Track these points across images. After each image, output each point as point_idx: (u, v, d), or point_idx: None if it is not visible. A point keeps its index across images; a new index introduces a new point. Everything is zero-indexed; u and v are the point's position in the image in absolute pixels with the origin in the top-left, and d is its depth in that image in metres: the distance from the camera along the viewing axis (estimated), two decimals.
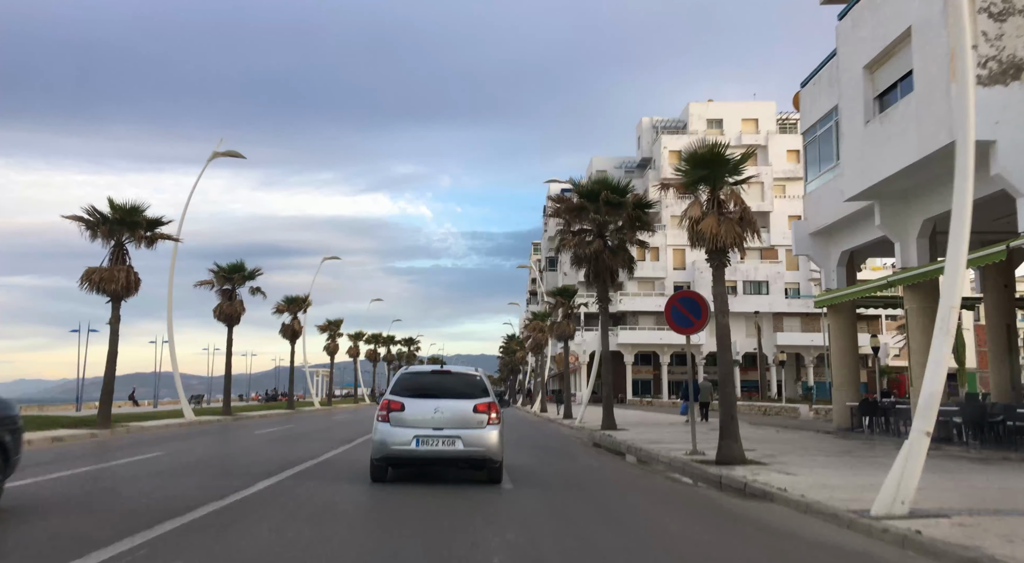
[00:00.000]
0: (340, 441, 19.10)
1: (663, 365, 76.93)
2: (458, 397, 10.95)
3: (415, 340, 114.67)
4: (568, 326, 36.21)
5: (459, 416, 10.68)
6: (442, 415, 10.63)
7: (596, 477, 13.20)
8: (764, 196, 76.32)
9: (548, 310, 51.60)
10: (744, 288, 75.68)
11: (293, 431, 24.07)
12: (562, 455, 17.17)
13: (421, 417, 10.64)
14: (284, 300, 44.25)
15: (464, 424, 10.66)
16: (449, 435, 10.55)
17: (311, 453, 15.53)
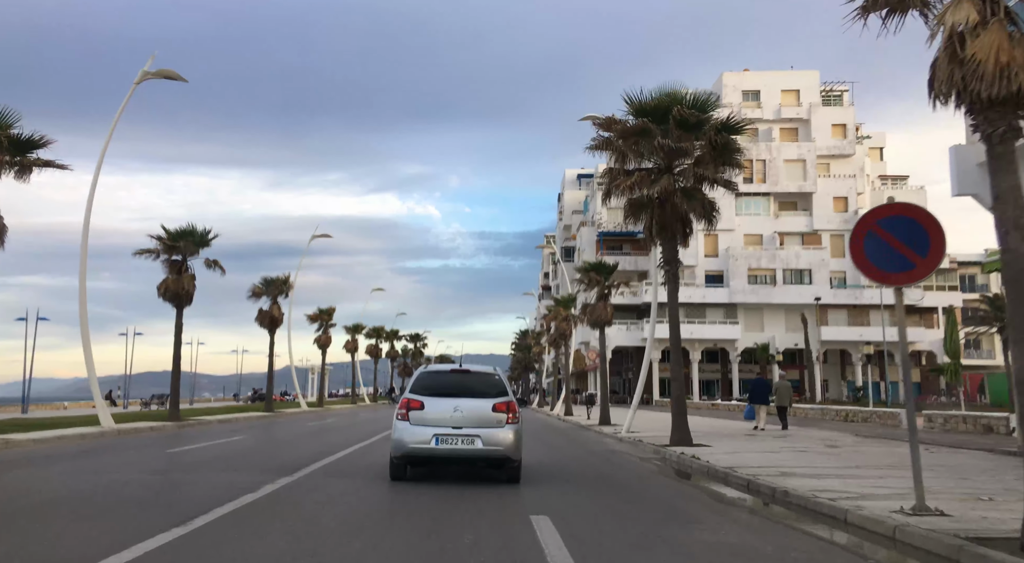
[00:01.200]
0: (276, 470, 11.98)
1: (693, 362, 69.58)
2: (477, 396, 10.93)
3: (421, 336, 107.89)
4: (604, 310, 29.11)
5: (478, 415, 10.70)
6: (461, 414, 10.65)
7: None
8: (806, 175, 68.91)
9: (572, 295, 44.41)
10: (784, 277, 68.25)
11: (225, 450, 16.99)
12: (642, 500, 9.97)
13: (440, 416, 10.65)
14: (261, 282, 37.30)
15: (483, 423, 10.66)
16: (468, 434, 10.56)
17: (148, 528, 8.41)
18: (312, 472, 11.72)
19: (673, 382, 18.46)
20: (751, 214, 70.15)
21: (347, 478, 11.12)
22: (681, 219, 17.80)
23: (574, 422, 32.19)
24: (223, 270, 27.23)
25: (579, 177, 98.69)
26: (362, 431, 23.79)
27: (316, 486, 10.11)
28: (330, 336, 49.63)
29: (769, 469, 12.18)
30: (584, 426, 28.30)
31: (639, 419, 28.84)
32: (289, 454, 15.09)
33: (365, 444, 17.95)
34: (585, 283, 29.93)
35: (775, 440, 19.14)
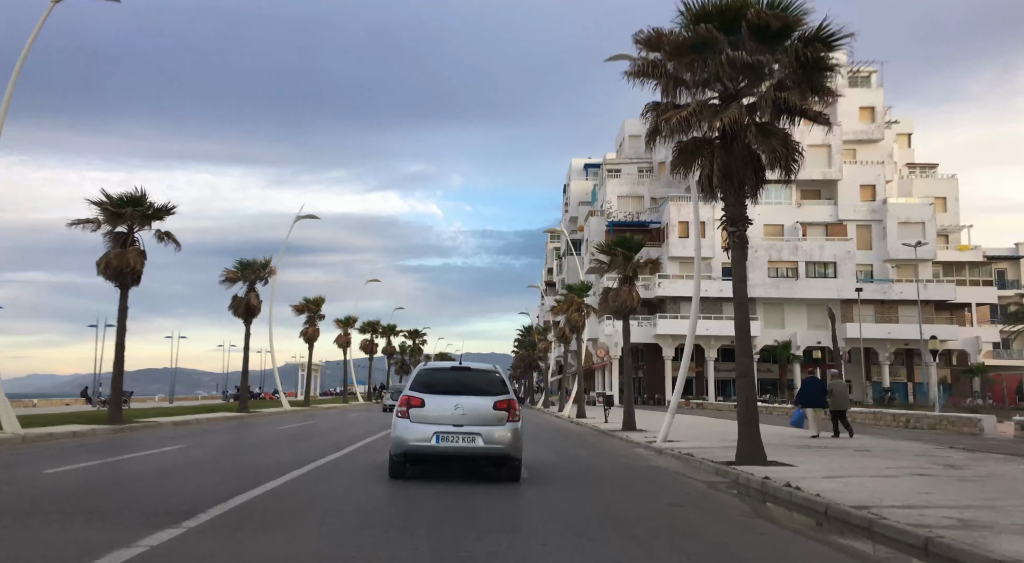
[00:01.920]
0: (168, 514, 7.64)
1: (708, 360, 65.29)
2: (478, 394, 10.81)
3: (420, 332, 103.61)
4: (630, 295, 24.76)
5: (479, 413, 10.58)
6: (462, 412, 10.54)
7: None
8: (831, 162, 64.51)
9: (587, 282, 40.14)
10: (806, 270, 63.88)
11: (125, 472, 12.73)
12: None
13: (441, 413, 10.53)
14: (236, 265, 32.97)
15: (484, 421, 10.56)
16: (469, 432, 10.45)
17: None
18: (222, 516, 7.39)
19: (740, 379, 14.13)
20: (771, 203, 65.72)
21: (273, 531, 6.81)
22: (753, 163, 13.44)
23: (590, 426, 27.89)
24: (177, 244, 22.87)
25: (586, 167, 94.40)
26: (342, 437, 19.55)
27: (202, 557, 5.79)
28: (318, 329, 45.43)
29: (928, 512, 7.86)
30: (605, 432, 23.98)
31: (679, 426, 24.47)
32: (213, 478, 10.77)
33: (338, 455, 13.71)
34: (607, 263, 25.55)
35: (863, 455, 14.82)
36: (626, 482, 11.53)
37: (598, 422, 29.25)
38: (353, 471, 11.64)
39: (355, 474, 11.33)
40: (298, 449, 15.58)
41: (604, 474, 12.59)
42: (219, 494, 8.78)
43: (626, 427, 23.99)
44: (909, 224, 63.29)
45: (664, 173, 71.16)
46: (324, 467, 12.24)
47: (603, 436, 22.74)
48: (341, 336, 56.75)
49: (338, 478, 10.90)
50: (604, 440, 20.96)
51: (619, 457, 15.51)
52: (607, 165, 73.56)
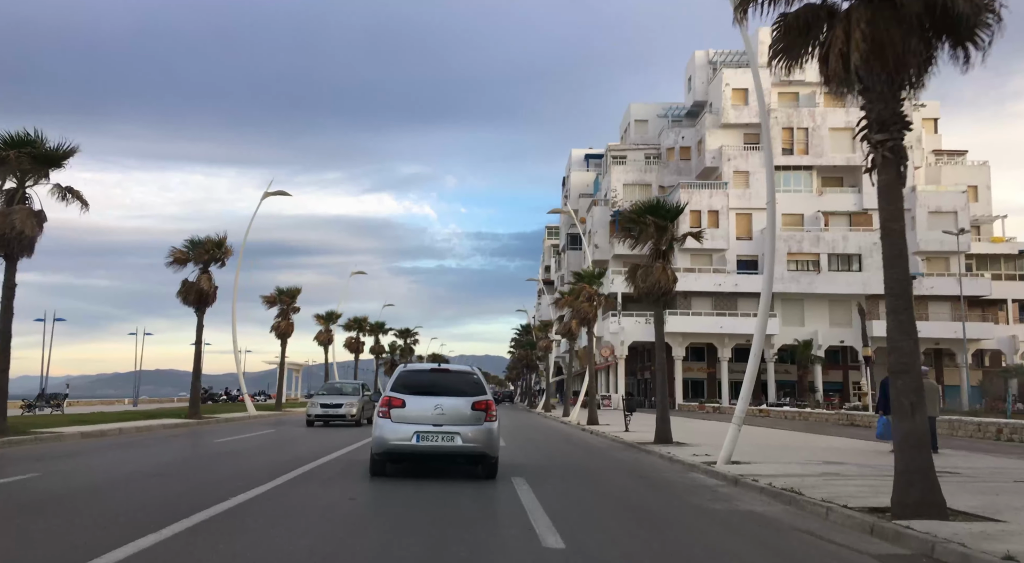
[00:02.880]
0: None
1: (722, 360, 60.29)
2: (457, 395, 11.04)
3: (412, 332, 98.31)
4: (664, 273, 19.70)
5: (458, 413, 10.84)
6: (442, 412, 10.77)
7: None
8: (855, 146, 59.46)
9: (599, 269, 35.06)
10: (829, 262, 58.93)
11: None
12: None
13: (421, 414, 10.78)
14: (186, 244, 27.78)
15: (463, 421, 10.82)
16: (448, 431, 10.70)
17: None
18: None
19: (898, 377, 8.96)
20: (791, 190, 60.84)
21: None
22: (919, 26, 8.28)
23: (609, 435, 22.80)
24: (84, 203, 17.72)
25: (587, 157, 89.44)
26: (295, 452, 14.46)
27: None
28: (291, 323, 40.02)
29: None
30: (633, 445, 18.89)
31: (706, 434, 19.48)
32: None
33: (248, 497, 8.55)
34: (635, 234, 20.42)
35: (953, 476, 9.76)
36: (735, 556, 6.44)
37: (617, 431, 24.15)
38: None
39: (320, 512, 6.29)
40: (201, 480, 10.48)
41: (678, 531, 7.48)
42: None
43: (660, 440, 18.91)
44: (940, 214, 58.42)
45: (673, 159, 66.27)
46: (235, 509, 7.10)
47: (636, 452, 17.63)
48: (321, 333, 51.52)
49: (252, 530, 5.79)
50: (640, 459, 15.86)
51: (682, 494, 10.38)
52: (612, 151, 68.52)
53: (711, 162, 61.85)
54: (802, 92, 61.27)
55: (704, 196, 59.97)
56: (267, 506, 8.26)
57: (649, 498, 9.78)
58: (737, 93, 61.25)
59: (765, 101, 60.61)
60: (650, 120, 70.67)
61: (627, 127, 72.66)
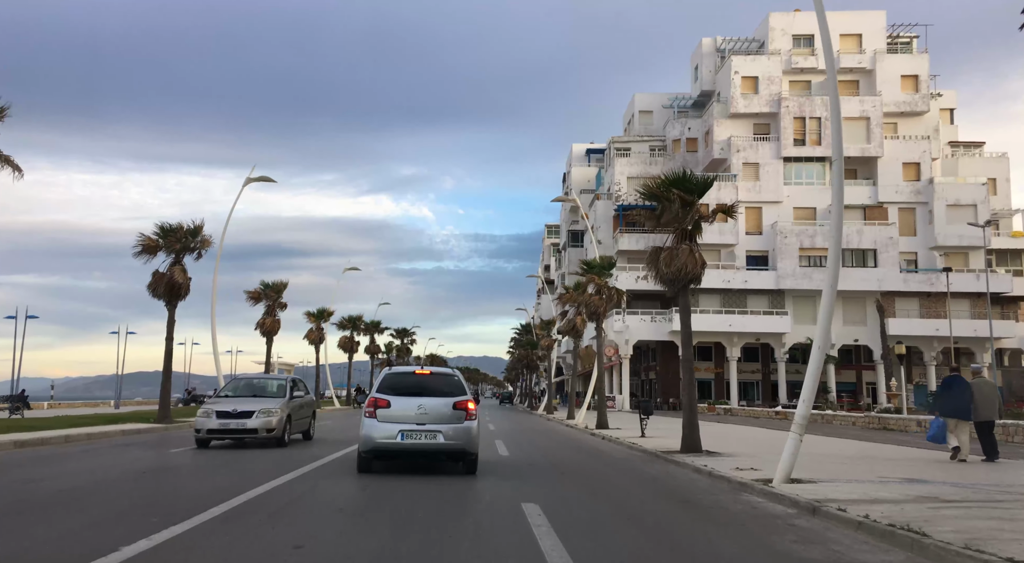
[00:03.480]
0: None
1: (730, 360, 57.81)
2: (439, 395, 11.61)
3: (409, 332, 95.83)
4: (692, 257, 17.19)
5: (440, 412, 11.39)
6: (425, 412, 11.32)
7: None
8: (870, 136, 57.14)
9: (610, 259, 32.59)
10: (843, 258, 56.34)
11: None
12: None
13: (405, 413, 11.30)
14: (156, 232, 25.20)
15: (445, 420, 11.36)
16: (431, 430, 11.25)
17: None
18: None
19: None
20: (803, 183, 58.42)
21: None
22: None
23: (624, 441, 20.31)
24: (16, 169, 15.18)
25: (588, 152, 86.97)
26: (233, 475, 11.90)
27: None
28: (278, 320, 37.40)
29: None
30: (657, 454, 16.39)
31: (737, 441, 17.06)
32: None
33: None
34: (656, 213, 17.90)
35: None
36: None
37: (632, 436, 21.65)
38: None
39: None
40: (94, 516, 7.95)
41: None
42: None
43: (688, 448, 16.40)
44: (959, 207, 55.99)
45: (679, 151, 63.78)
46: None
47: (663, 464, 15.12)
48: (312, 332, 48.90)
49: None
50: (672, 474, 13.35)
51: (755, 531, 7.86)
52: (615, 143, 66.00)
53: (719, 153, 59.39)
54: (814, 80, 58.81)
55: (712, 189, 57.32)
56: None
57: (715, 539, 7.26)
58: (747, 81, 58.77)
59: (775, 90, 58.01)
60: (655, 111, 68.18)
61: (631, 118, 70.16)
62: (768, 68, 58.51)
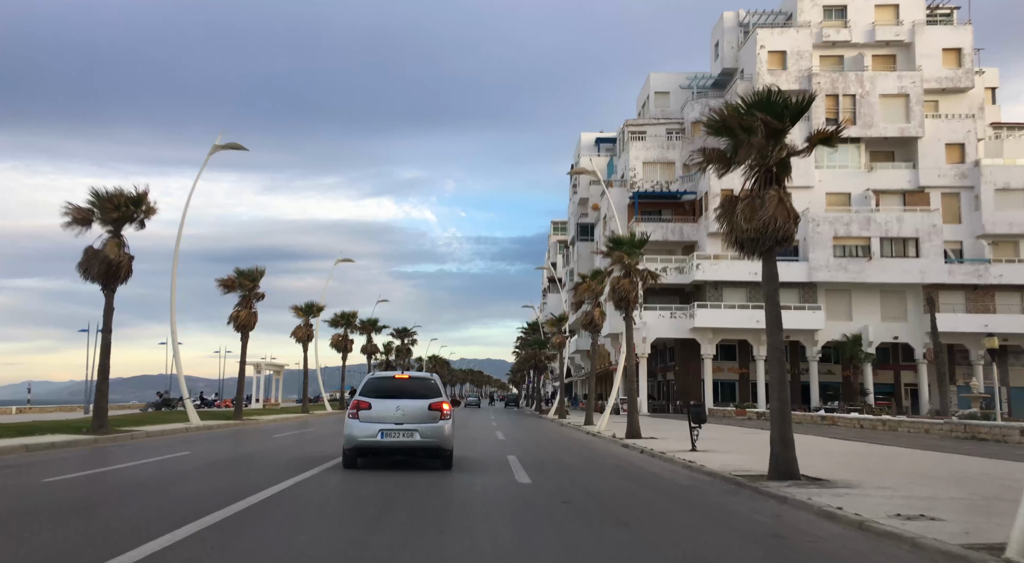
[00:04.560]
0: None
1: (756, 359, 52.92)
2: (416, 397, 12.56)
3: (410, 331, 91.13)
4: (782, 207, 12.52)
5: (417, 413, 12.32)
6: (402, 412, 12.26)
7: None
8: (909, 115, 52.35)
9: (641, 236, 27.78)
10: (881, 248, 51.60)
11: None
12: None
13: (385, 414, 12.25)
14: (90, 199, 20.54)
15: (421, 419, 12.30)
16: (408, 428, 12.20)
17: None
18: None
19: None
20: (836, 166, 53.67)
21: None
22: None
23: (676, 460, 15.55)
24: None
25: (597, 141, 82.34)
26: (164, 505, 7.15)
27: None
28: (254, 313, 32.50)
29: None
30: (738, 481, 11.67)
31: (846, 460, 12.26)
32: None
33: None
34: (727, 152, 13.23)
35: None
36: None
37: (679, 450, 16.92)
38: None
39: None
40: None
41: None
42: None
43: (781, 473, 11.66)
44: (1009, 191, 51.19)
45: (699, 134, 58.96)
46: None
47: (762, 500, 10.36)
48: (300, 328, 44.11)
49: None
50: (787, 520, 8.59)
51: None
52: (629, 126, 61.23)
53: None
54: (847, 54, 54.06)
55: (736, 173, 52.53)
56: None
57: None
58: (774, 56, 54.03)
59: (805, 65, 53.23)
60: (672, 92, 63.42)
61: (646, 100, 65.38)
62: (797, 42, 53.77)
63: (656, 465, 15.52)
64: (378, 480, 11.19)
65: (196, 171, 25.86)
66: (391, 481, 11.09)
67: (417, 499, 9.37)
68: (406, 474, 11.99)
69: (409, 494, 9.78)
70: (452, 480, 11.46)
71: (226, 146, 26.66)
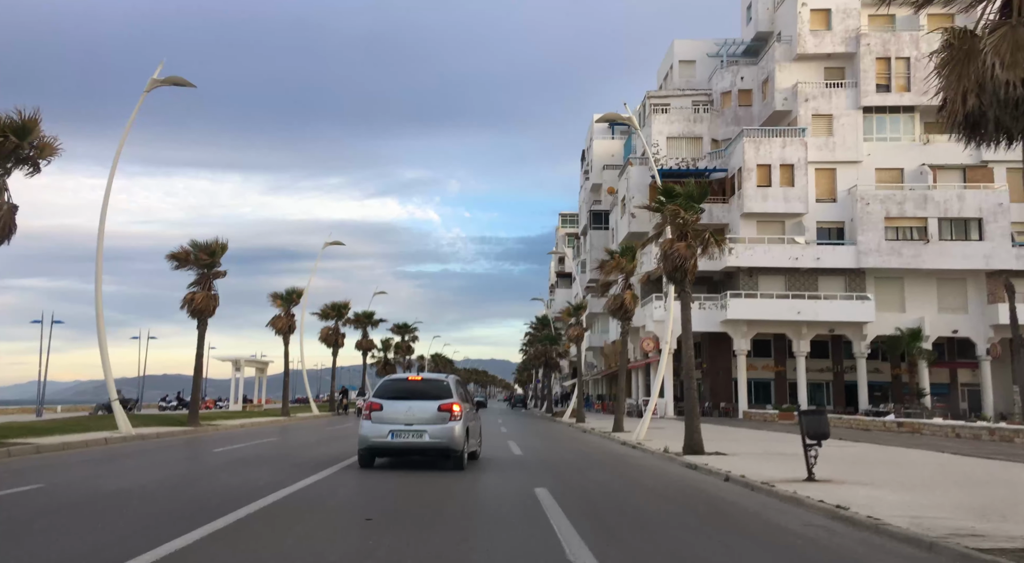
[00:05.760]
0: None
1: (797, 356, 47.01)
2: (427, 398, 12.87)
3: (410, 327, 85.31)
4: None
5: (426, 414, 12.62)
6: (412, 413, 12.62)
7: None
8: None
9: (700, 179, 21.74)
10: (940, 230, 45.64)
11: None
12: None
13: (396, 415, 12.65)
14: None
15: (430, 421, 12.56)
16: (418, 429, 12.50)
17: None
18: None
19: None
20: (887, 138, 47.75)
21: None
22: None
23: (811, 502, 9.78)
24: None
25: (611, 124, 76.27)
26: None
27: None
28: (214, 296, 26.01)
29: None
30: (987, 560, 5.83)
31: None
32: None
33: None
34: None
35: None
36: None
37: (787, 478, 11.16)
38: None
39: None
40: None
41: None
42: None
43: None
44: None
45: (729, 106, 53.14)
46: None
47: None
48: (279, 319, 38.22)
49: None
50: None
51: None
52: (651, 98, 55.34)
53: (782, 105, 48.72)
54: (899, 13, 48.04)
55: (774, 147, 46.75)
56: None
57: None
58: (817, 15, 48.11)
59: (852, 25, 47.29)
60: (698, 60, 57.47)
61: (669, 70, 59.44)
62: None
63: (781, 511, 9.61)
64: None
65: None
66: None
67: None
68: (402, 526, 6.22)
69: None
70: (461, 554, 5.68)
71: (166, 81, 20.95)
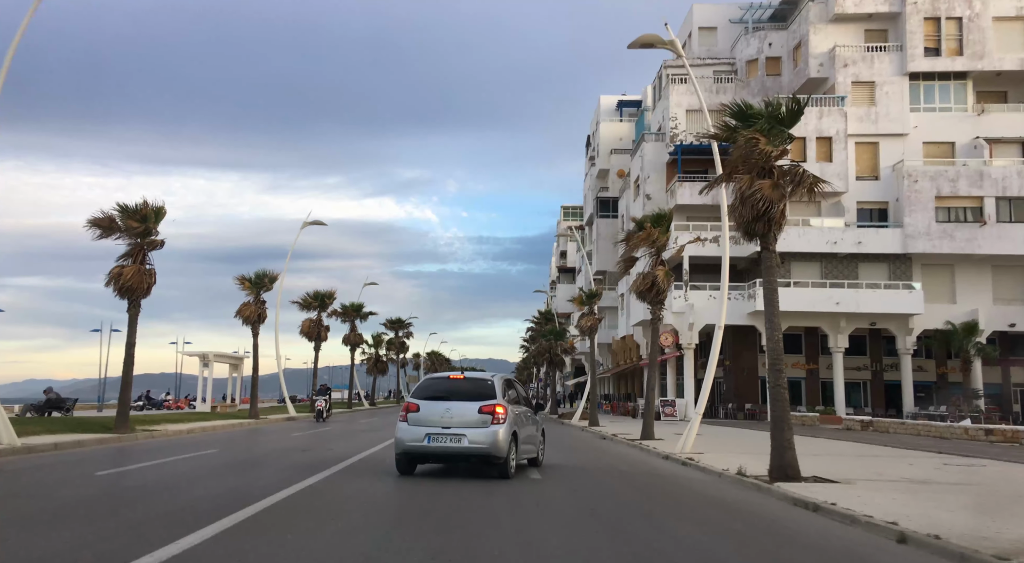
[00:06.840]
0: None
1: (834, 352, 41.84)
2: (467, 399, 11.88)
3: (404, 323, 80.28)
4: None
5: (465, 416, 11.64)
6: (450, 415, 11.68)
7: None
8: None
9: (790, 106, 16.29)
10: (998, 210, 40.51)
11: None
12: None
13: (432, 417, 11.74)
14: None
15: (470, 424, 11.57)
16: (456, 433, 11.55)
17: None
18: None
19: None
20: (936, 109, 42.65)
21: None
22: None
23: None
24: None
25: (619, 105, 71.24)
26: None
27: None
28: (149, 272, 20.79)
29: None
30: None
31: None
32: None
33: None
34: None
35: None
36: None
37: (964, 531, 5.78)
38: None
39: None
40: None
41: None
42: None
43: None
44: None
45: (756, 76, 47.97)
46: None
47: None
48: (247, 306, 33.04)
49: None
50: None
51: None
52: (669, 68, 50.07)
53: (817, 71, 43.61)
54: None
55: (810, 118, 41.49)
56: None
57: None
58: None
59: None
60: (720, 27, 52.34)
61: (688, 38, 54.22)
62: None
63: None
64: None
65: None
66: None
67: None
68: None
69: None
70: None
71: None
